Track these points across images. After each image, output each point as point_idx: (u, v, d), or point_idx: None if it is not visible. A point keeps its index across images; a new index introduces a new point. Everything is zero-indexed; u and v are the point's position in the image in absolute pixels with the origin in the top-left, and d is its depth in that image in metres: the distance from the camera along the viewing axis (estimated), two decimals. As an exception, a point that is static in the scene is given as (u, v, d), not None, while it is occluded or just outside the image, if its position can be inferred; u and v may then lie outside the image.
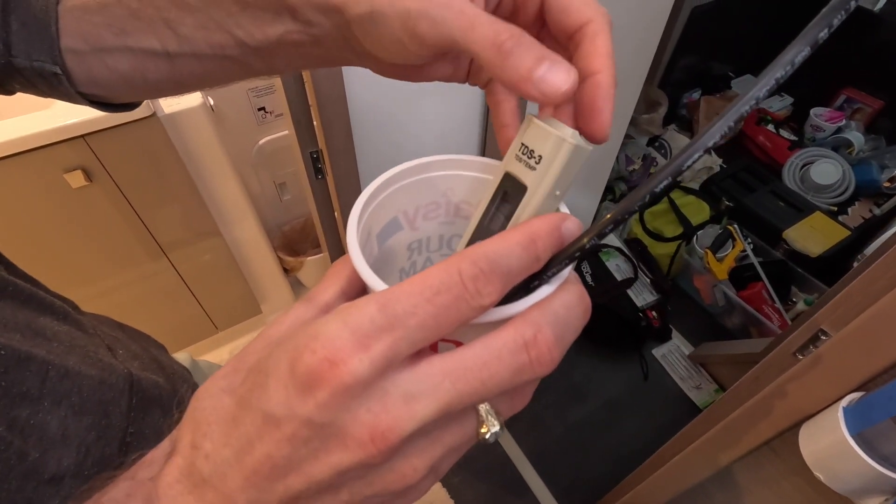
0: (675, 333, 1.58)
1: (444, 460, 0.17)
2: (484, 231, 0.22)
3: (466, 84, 0.27)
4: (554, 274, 0.18)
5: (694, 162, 0.17)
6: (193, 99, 0.98)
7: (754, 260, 1.50)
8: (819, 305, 0.98)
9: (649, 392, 1.46)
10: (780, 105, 1.97)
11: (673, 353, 1.53)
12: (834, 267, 1.52)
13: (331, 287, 0.20)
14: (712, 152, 1.84)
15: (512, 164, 0.20)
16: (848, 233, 1.56)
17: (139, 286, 1.16)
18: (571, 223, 0.18)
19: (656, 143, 1.86)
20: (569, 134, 0.18)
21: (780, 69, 0.16)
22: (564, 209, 0.22)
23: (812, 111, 1.84)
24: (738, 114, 0.16)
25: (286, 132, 1.34)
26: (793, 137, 1.87)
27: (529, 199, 0.19)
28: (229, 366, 0.18)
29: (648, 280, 1.57)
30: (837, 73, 1.82)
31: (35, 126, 0.82)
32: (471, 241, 0.22)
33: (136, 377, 0.35)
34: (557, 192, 0.19)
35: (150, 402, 0.35)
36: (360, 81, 0.70)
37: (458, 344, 0.19)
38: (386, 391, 0.15)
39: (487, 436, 0.17)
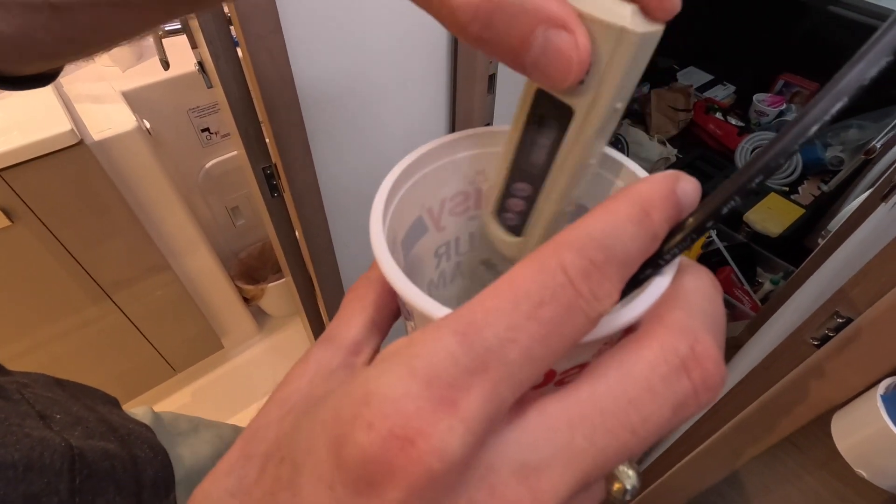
0: (651, 325, 1.58)
1: None
2: (522, 172, 0.16)
3: (425, 78, 0.22)
4: (673, 256, 0.12)
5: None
6: (126, 123, 0.89)
7: (720, 245, 1.53)
8: (795, 283, 0.99)
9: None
10: (725, 93, 2.04)
11: (652, 346, 1.53)
12: (794, 245, 1.57)
13: (355, 319, 0.15)
14: (667, 143, 1.88)
15: None
16: (802, 211, 1.62)
17: (80, 335, 1.04)
18: (687, 184, 0.12)
19: (612, 139, 1.88)
20: (627, 15, 0.12)
21: None
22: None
23: (755, 97, 1.91)
24: None
25: (235, 153, 1.26)
26: (740, 124, 1.94)
27: (581, 128, 0.14)
28: (235, 451, 0.12)
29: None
30: (774, 59, 1.91)
31: (-63, 164, 0.72)
32: (508, 182, 0.17)
33: (79, 450, 0.28)
34: (618, 106, 0.14)
35: (100, 478, 0.28)
36: (312, 81, 0.64)
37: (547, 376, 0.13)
38: (492, 468, 0.10)
39: (625, 494, 0.12)
